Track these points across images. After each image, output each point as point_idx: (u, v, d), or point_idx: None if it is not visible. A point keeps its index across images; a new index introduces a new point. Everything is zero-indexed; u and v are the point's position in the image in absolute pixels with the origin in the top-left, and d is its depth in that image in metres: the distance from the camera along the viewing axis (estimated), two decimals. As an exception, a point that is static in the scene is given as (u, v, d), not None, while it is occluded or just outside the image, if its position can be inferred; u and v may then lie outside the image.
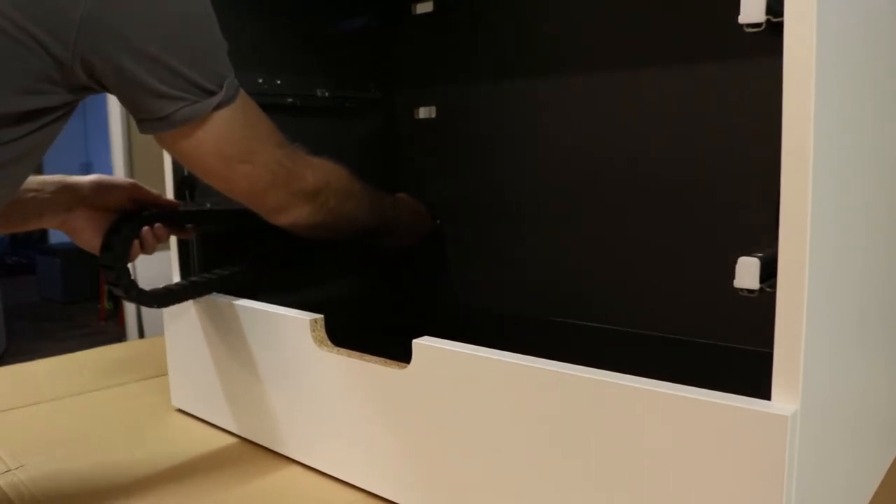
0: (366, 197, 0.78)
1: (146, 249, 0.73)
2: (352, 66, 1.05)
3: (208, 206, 0.82)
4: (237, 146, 0.62)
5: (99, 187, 0.71)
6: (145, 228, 0.72)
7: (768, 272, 0.41)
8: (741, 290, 0.42)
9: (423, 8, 1.05)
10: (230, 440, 0.77)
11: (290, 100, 0.95)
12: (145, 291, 0.71)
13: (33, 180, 0.69)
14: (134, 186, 0.73)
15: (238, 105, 0.60)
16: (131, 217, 0.70)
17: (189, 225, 0.78)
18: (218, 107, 0.58)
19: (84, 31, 0.51)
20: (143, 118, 0.58)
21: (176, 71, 0.55)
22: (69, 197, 0.70)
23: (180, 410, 0.86)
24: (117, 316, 3.78)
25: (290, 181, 0.66)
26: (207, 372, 0.79)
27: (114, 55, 0.53)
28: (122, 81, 0.55)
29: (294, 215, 0.68)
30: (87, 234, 0.71)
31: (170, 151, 0.64)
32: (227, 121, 0.60)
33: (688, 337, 0.83)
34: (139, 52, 0.54)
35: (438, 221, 1.05)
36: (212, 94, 0.58)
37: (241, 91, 0.61)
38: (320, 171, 0.70)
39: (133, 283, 0.69)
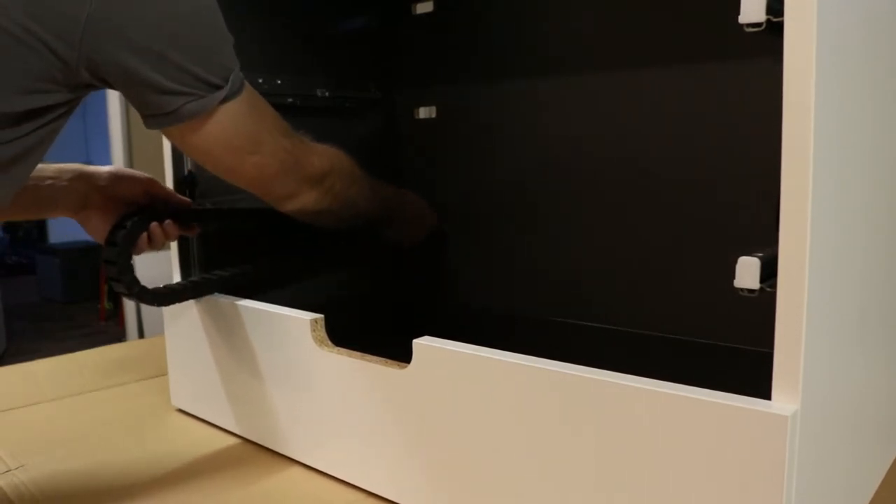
0: (368, 183, 0.79)
1: (154, 245, 0.73)
2: (352, 66, 1.05)
3: (208, 205, 0.82)
4: (245, 138, 0.62)
5: (115, 177, 0.72)
6: (154, 224, 0.72)
7: (768, 272, 0.41)
8: (741, 290, 0.42)
9: (423, 8, 1.05)
10: (230, 440, 0.77)
11: (290, 100, 0.95)
12: (147, 289, 0.71)
13: (51, 168, 0.70)
14: (150, 181, 0.74)
15: (244, 97, 0.61)
16: (138, 213, 0.70)
17: (197, 224, 0.78)
18: (224, 100, 0.58)
19: (89, 30, 0.51)
20: (150, 114, 0.58)
21: (181, 67, 0.55)
22: (85, 185, 0.70)
23: (180, 410, 0.86)
24: (117, 316, 3.78)
25: (297, 168, 0.67)
26: (208, 372, 0.79)
27: (119, 54, 0.53)
28: (128, 79, 0.55)
29: (302, 201, 0.69)
30: (99, 225, 0.71)
31: (178, 145, 0.64)
32: (233, 114, 0.60)
33: (688, 337, 0.83)
34: (145, 50, 0.54)
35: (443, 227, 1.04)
36: (217, 88, 0.58)
37: (247, 83, 0.61)
38: (325, 157, 0.71)
39: (135, 280, 0.69)
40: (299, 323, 0.66)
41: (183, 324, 0.82)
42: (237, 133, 0.61)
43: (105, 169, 0.72)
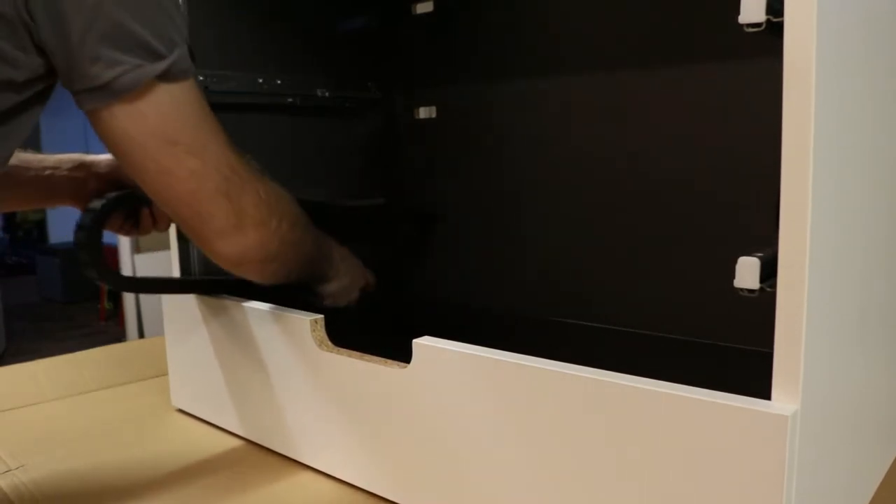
0: (310, 227, 0.69)
1: (142, 230, 0.71)
2: (352, 66, 1.04)
3: None
4: (186, 132, 0.53)
5: (115, 165, 0.71)
6: (145, 209, 0.70)
7: (768, 272, 0.41)
8: (741, 290, 0.42)
9: (423, 8, 1.05)
10: (230, 440, 0.77)
11: (290, 100, 0.95)
12: (119, 274, 0.69)
13: (51, 158, 0.69)
14: None
15: (191, 86, 0.53)
16: (111, 195, 0.67)
17: None
18: (165, 76, 0.51)
19: None
20: (79, 89, 0.51)
21: (119, 23, 0.48)
22: (85, 174, 0.70)
23: (180, 410, 0.86)
24: (117, 316, 3.78)
25: (241, 193, 0.57)
26: (207, 372, 0.79)
27: (51, 4, 0.47)
28: (59, 38, 0.48)
29: (242, 243, 0.58)
30: None
31: (105, 137, 0.53)
32: (175, 99, 0.52)
33: (688, 337, 0.83)
34: (79, 2, 0.48)
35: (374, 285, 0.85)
36: (160, 57, 0.50)
37: (195, 80, 0.55)
38: (273, 190, 0.61)
39: (103, 264, 0.65)
40: (299, 323, 0.66)
41: (183, 324, 0.82)
42: (177, 122, 0.52)
43: (105, 157, 0.71)
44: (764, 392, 0.41)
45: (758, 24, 0.40)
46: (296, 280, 0.69)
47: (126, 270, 2.75)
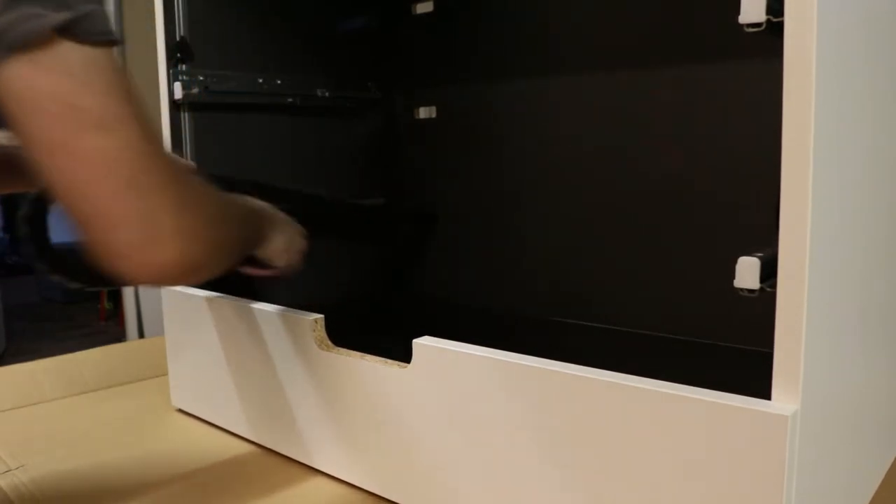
0: (236, 207, 0.60)
1: None
2: (352, 66, 1.05)
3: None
4: (96, 98, 0.42)
5: None
6: None
7: (768, 272, 0.41)
8: (741, 290, 0.42)
9: (423, 8, 1.05)
10: (231, 440, 0.77)
11: (290, 100, 0.95)
12: (78, 267, 0.65)
13: None
14: None
15: (111, 56, 0.44)
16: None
17: None
18: (72, 32, 0.41)
19: None
20: None
21: None
22: None
23: (180, 410, 0.86)
24: (117, 316, 3.78)
25: (162, 192, 0.44)
26: (207, 372, 0.79)
27: None
28: None
29: (159, 258, 0.44)
30: None
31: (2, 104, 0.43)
32: (87, 59, 0.42)
33: (688, 337, 0.83)
34: None
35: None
36: (63, 7, 0.41)
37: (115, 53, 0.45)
38: (199, 187, 0.50)
39: (53, 254, 0.60)
40: (299, 323, 0.66)
41: (183, 324, 0.82)
42: (85, 85, 0.42)
43: None
44: (764, 392, 0.41)
45: (758, 24, 0.40)
46: (234, 265, 0.59)
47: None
